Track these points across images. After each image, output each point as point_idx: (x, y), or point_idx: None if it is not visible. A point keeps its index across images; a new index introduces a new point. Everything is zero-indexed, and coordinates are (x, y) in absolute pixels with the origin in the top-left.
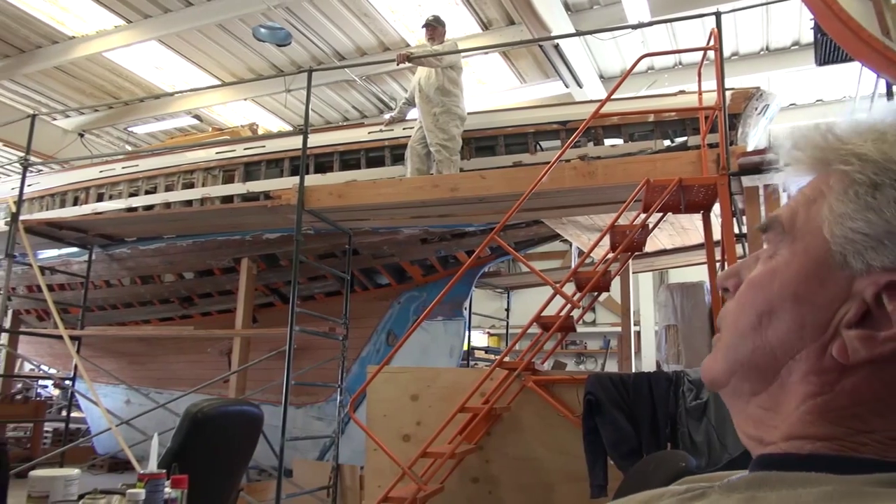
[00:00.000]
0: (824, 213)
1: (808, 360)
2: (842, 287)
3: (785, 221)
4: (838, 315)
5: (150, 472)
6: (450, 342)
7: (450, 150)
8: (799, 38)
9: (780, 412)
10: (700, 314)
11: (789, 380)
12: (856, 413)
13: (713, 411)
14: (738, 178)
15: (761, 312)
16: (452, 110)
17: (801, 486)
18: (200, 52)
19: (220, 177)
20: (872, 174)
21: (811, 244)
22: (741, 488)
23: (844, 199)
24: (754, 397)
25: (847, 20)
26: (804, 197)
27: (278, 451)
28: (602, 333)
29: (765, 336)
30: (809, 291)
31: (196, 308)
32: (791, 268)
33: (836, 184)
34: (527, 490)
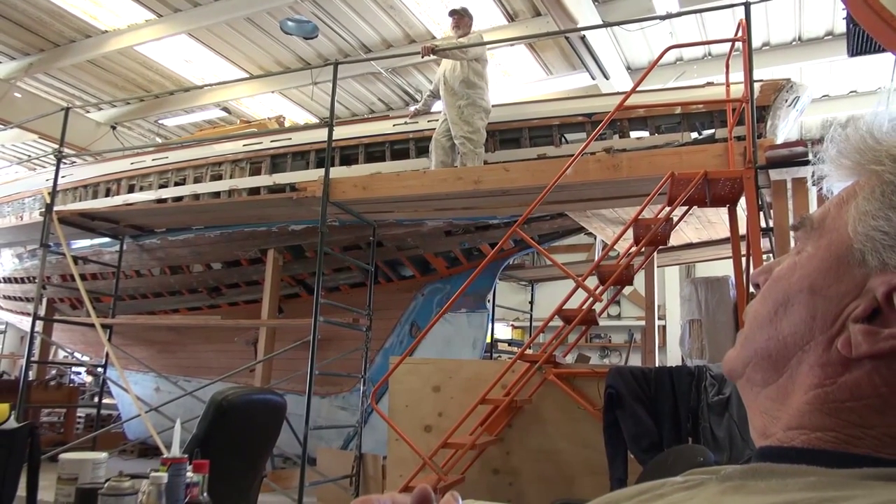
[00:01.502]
0: (851, 212)
1: (815, 352)
2: (856, 283)
3: (816, 220)
4: (847, 309)
5: (173, 457)
6: (473, 334)
7: (474, 143)
8: (833, 28)
9: (787, 403)
10: (725, 309)
11: (798, 370)
12: (854, 407)
13: (735, 407)
14: (766, 171)
15: (778, 303)
16: (477, 103)
17: (790, 477)
18: (229, 45)
19: (247, 169)
20: None
21: (835, 240)
22: (735, 477)
23: (871, 198)
24: (764, 388)
25: (880, 10)
26: (839, 198)
27: (302, 440)
28: (627, 327)
29: (779, 326)
30: (824, 284)
31: (223, 298)
32: (812, 262)
33: (867, 183)
34: (547, 482)
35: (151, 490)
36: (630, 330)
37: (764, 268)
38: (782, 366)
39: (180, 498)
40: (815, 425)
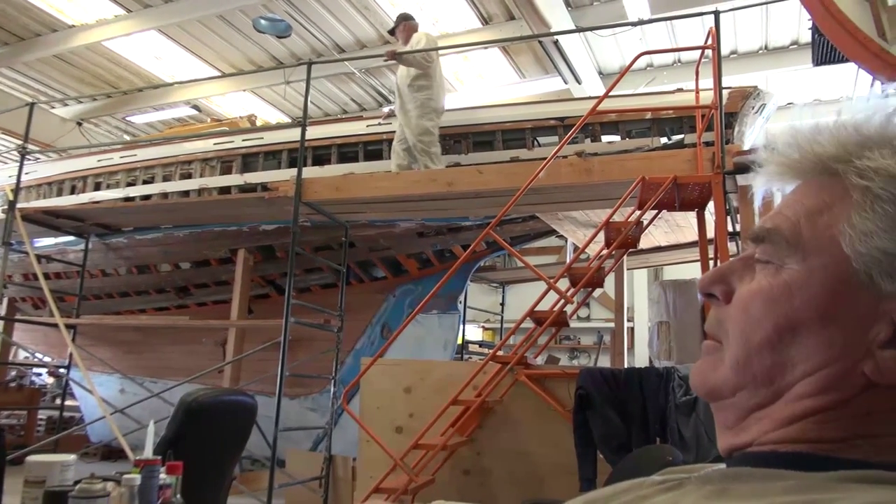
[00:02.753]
0: (842, 228)
1: (830, 377)
2: (869, 307)
3: (788, 234)
4: (870, 335)
5: (146, 459)
6: (444, 336)
7: (425, 143)
8: (798, 38)
9: (773, 417)
10: (692, 311)
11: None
12: (864, 422)
13: (702, 407)
14: (733, 176)
15: (781, 328)
16: (426, 104)
17: (770, 481)
18: (200, 42)
19: (217, 167)
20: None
21: (830, 261)
22: (715, 481)
23: (868, 216)
24: (756, 411)
25: (844, 21)
26: (804, 208)
27: (272, 442)
28: (596, 329)
29: (786, 353)
30: (837, 311)
31: (192, 298)
32: (813, 285)
33: (856, 198)
34: (517, 482)
35: (124, 492)
36: (599, 332)
37: (715, 277)
38: (784, 390)
39: (153, 500)
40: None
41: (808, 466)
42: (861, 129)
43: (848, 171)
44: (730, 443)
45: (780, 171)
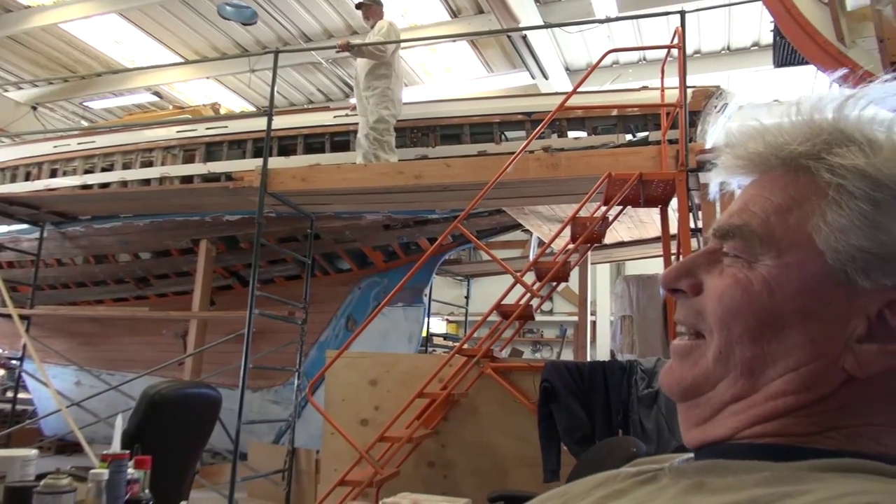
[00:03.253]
0: (815, 224)
1: (812, 373)
2: (845, 302)
3: (759, 231)
4: (848, 330)
5: (114, 453)
6: (409, 328)
7: (379, 132)
8: (759, 40)
9: (751, 409)
10: (655, 306)
11: (783, 387)
12: (839, 414)
13: (664, 399)
14: (696, 174)
15: (763, 321)
16: (385, 93)
17: (745, 473)
18: (162, 27)
19: (180, 156)
20: (870, 190)
21: (806, 257)
22: (691, 473)
23: (844, 214)
24: (732, 403)
25: (805, 25)
26: (772, 205)
27: (234, 435)
28: (559, 322)
29: (767, 346)
30: (816, 307)
31: (152, 289)
32: (791, 281)
33: (832, 195)
34: (481, 474)
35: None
36: (562, 325)
37: (682, 271)
38: (762, 384)
39: (121, 495)
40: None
41: (782, 457)
42: (828, 125)
43: (819, 168)
44: (701, 438)
45: (741, 165)
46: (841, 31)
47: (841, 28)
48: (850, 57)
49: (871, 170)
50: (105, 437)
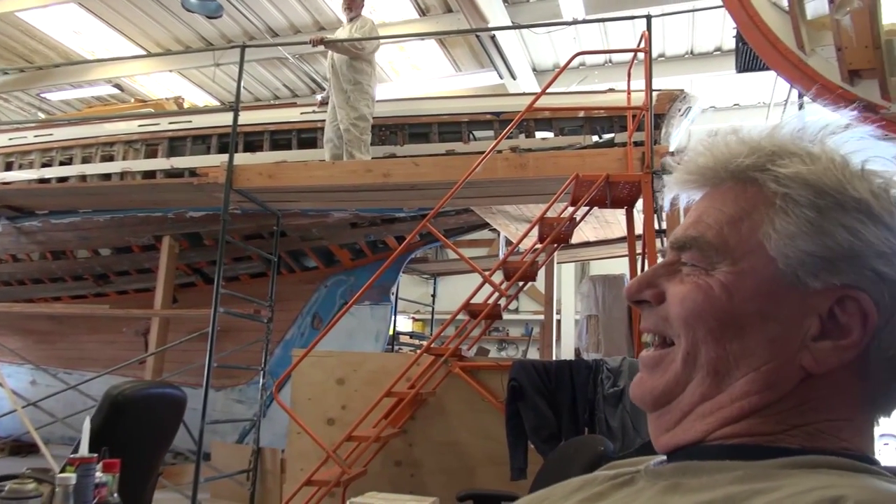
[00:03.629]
0: (765, 232)
1: (772, 372)
2: (798, 303)
3: (715, 241)
4: (803, 330)
5: (82, 457)
6: (376, 327)
7: (360, 129)
8: (721, 45)
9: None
10: (620, 306)
11: (747, 388)
12: (800, 412)
13: (629, 399)
14: (661, 176)
15: (724, 324)
16: (364, 88)
17: (718, 473)
18: (124, 18)
19: (142, 150)
20: (813, 197)
21: (758, 263)
22: (667, 475)
23: (791, 221)
24: (699, 405)
25: (767, 32)
26: (725, 216)
27: (197, 435)
28: (524, 321)
29: (729, 347)
30: (772, 309)
31: (112, 286)
32: (747, 286)
33: (779, 204)
34: (448, 473)
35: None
36: (527, 324)
37: (644, 283)
38: (726, 384)
39: (89, 499)
40: (758, 432)
41: (752, 456)
42: (772, 138)
43: (765, 178)
44: (673, 443)
45: (693, 179)
46: (801, 39)
47: (801, 36)
48: (809, 65)
49: (813, 178)
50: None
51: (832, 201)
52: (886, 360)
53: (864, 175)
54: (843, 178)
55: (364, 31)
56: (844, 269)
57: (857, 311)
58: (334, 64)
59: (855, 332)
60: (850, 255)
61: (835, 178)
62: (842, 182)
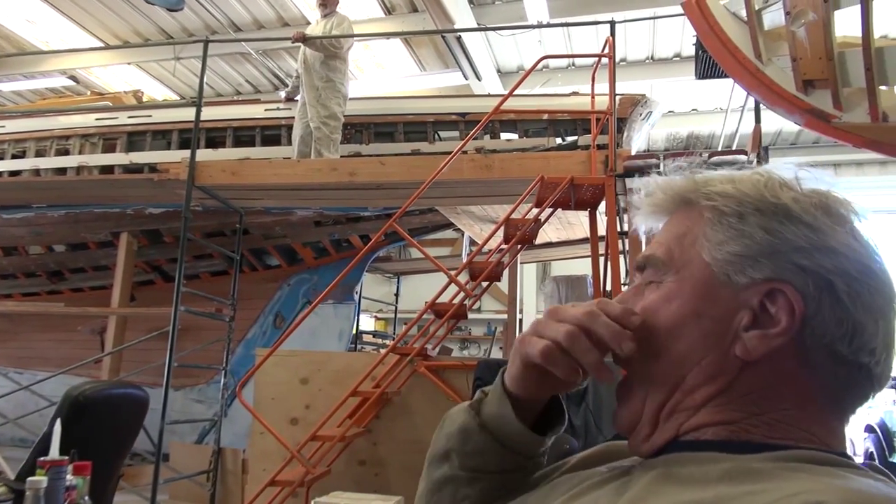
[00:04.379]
0: (700, 242)
1: (712, 364)
2: (730, 299)
3: (662, 258)
4: (735, 322)
5: (52, 459)
6: (339, 326)
7: (330, 128)
8: (680, 51)
9: (686, 407)
10: None
11: (694, 382)
12: (751, 400)
13: (591, 397)
14: (623, 179)
15: (667, 331)
16: (336, 86)
17: (707, 464)
18: (80, 8)
19: (99, 145)
20: (736, 206)
21: (695, 269)
22: (659, 465)
23: (718, 229)
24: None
25: (726, 41)
26: (672, 235)
27: (157, 435)
28: (486, 320)
29: (671, 354)
30: (705, 307)
31: (66, 283)
32: (684, 290)
33: (707, 217)
34: (413, 471)
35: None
36: (490, 323)
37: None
38: (680, 382)
39: (60, 502)
40: (720, 420)
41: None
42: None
43: (699, 197)
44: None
45: (652, 211)
46: (759, 48)
47: (759, 46)
48: (766, 73)
49: (736, 192)
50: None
51: (752, 207)
52: (824, 346)
53: (787, 184)
54: (763, 188)
55: (342, 29)
56: (765, 264)
57: (785, 302)
58: (307, 60)
59: (783, 321)
60: (769, 251)
61: (755, 189)
62: (762, 191)
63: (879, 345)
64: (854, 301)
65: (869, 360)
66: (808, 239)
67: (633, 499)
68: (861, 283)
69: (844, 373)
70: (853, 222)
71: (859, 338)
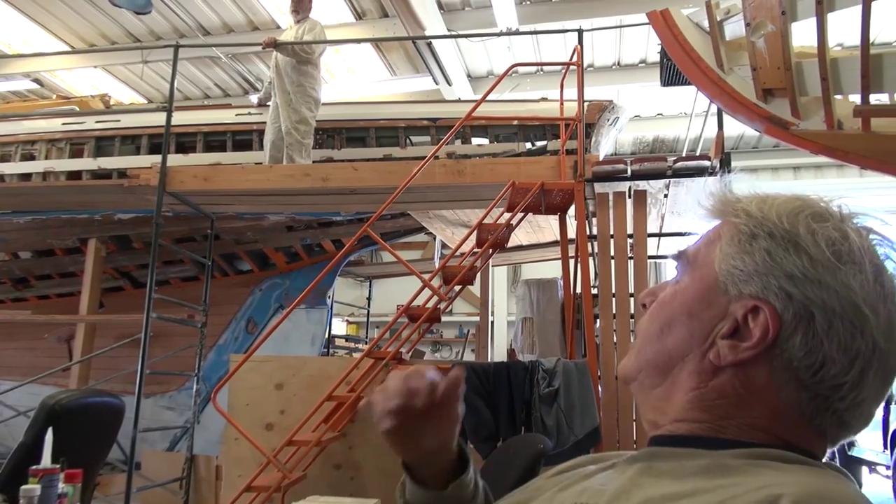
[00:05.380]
0: (718, 251)
1: (692, 362)
2: (722, 307)
3: (690, 256)
4: (716, 328)
5: (45, 468)
6: (312, 330)
7: (301, 133)
8: (646, 58)
9: (671, 402)
10: (553, 308)
11: (679, 376)
12: (721, 404)
13: (563, 397)
14: (591, 184)
15: (664, 323)
16: (307, 91)
17: (685, 459)
18: (44, 10)
19: (66, 150)
20: (753, 227)
21: (705, 274)
22: (641, 459)
23: (731, 243)
24: (653, 390)
25: (689, 50)
26: (707, 238)
27: (128, 444)
28: (458, 322)
29: (665, 342)
30: (699, 309)
31: (32, 291)
32: (689, 291)
33: (727, 230)
34: (388, 474)
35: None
36: (461, 325)
37: (650, 291)
38: (667, 373)
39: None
40: (693, 418)
41: (706, 446)
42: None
43: (731, 211)
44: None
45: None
46: (720, 58)
47: (720, 56)
48: (728, 82)
49: (758, 213)
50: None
51: (766, 231)
52: (791, 369)
53: (809, 218)
54: (782, 215)
55: (314, 34)
56: (756, 282)
57: (763, 320)
58: (279, 65)
59: (755, 337)
60: (762, 271)
61: (775, 215)
62: (781, 218)
63: (849, 384)
64: (830, 337)
65: (831, 395)
66: (804, 269)
67: (618, 490)
68: (844, 321)
69: (807, 398)
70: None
71: (825, 372)
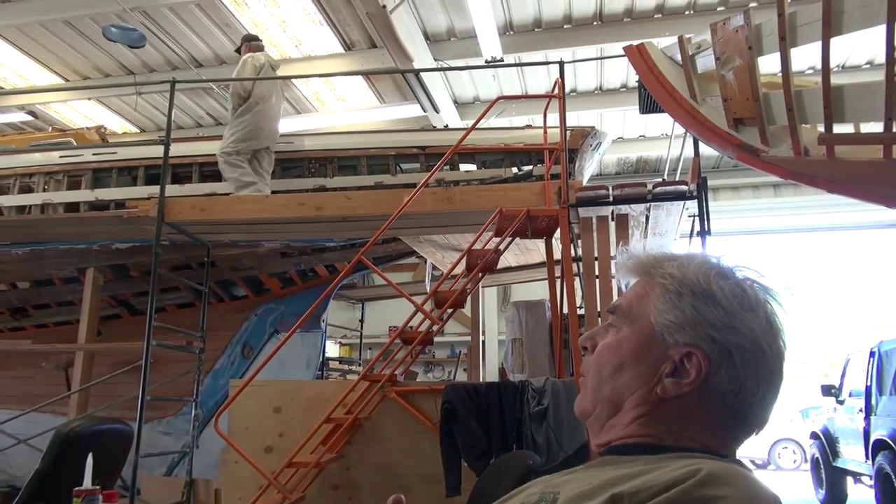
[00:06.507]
0: (650, 307)
1: (640, 395)
2: (662, 352)
3: (625, 309)
4: (661, 369)
5: (87, 489)
6: (307, 354)
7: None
8: (627, 83)
9: (620, 425)
10: (542, 329)
11: (627, 406)
12: (666, 423)
13: (552, 416)
14: (576, 209)
15: (615, 367)
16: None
17: (629, 464)
18: (40, 45)
19: (64, 182)
20: (678, 286)
21: (643, 326)
22: (596, 465)
23: (662, 301)
24: (608, 420)
25: (664, 82)
26: (635, 294)
27: (130, 469)
28: (450, 343)
29: (618, 381)
30: (643, 355)
31: (30, 320)
32: (632, 340)
33: (658, 290)
34: (385, 494)
35: None
36: (453, 346)
37: (588, 336)
38: (619, 406)
39: None
40: (640, 433)
41: (648, 451)
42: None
43: (655, 273)
44: (596, 443)
45: (628, 271)
46: (693, 89)
47: (693, 87)
48: (701, 112)
49: (680, 275)
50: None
51: (689, 290)
52: (719, 395)
53: (717, 276)
54: (699, 275)
55: (237, 71)
56: (689, 332)
57: (697, 362)
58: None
59: (692, 376)
60: (692, 323)
61: (695, 275)
62: (697, 277)
63: (757, 401)
64: (745, 368)
65: (747, 410)
66: (722, 319)
67: (575, 478)
68: (753, 356)
69: (729, 415)
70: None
71: (743, 394)
